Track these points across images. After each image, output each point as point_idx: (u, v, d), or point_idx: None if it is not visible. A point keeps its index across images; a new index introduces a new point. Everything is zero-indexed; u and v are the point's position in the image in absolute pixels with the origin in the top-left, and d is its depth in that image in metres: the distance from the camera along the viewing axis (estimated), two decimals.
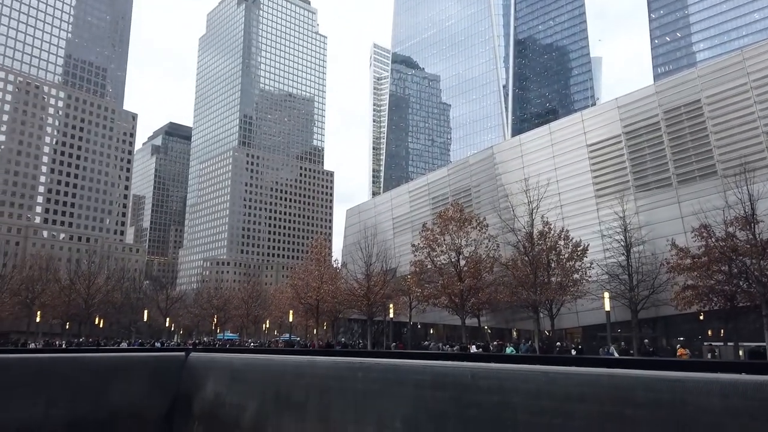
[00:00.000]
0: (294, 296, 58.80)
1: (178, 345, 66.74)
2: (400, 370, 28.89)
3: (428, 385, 26.57)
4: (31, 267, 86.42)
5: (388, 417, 27.79)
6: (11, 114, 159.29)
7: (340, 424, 29.69)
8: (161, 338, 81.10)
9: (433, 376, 26.85)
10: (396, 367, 29.30)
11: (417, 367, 28.19)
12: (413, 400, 26.94)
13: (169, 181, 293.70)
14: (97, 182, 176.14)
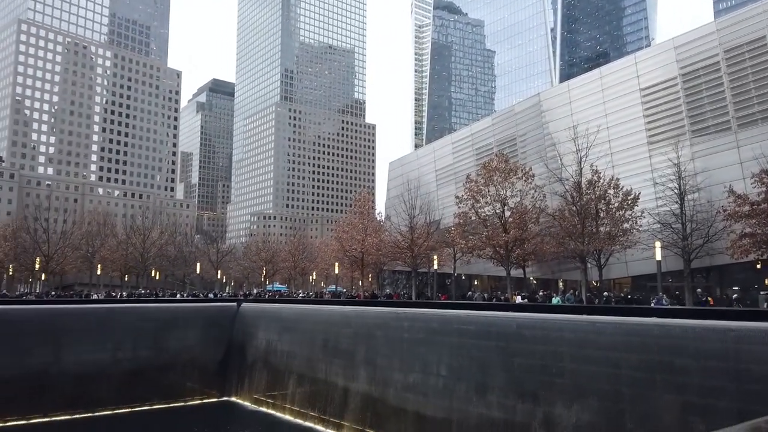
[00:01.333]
0: (339, 249, 59.71)
1: (230, 296, 69.38)
2: (444, 319, 29.29)
3: (473, 335, 26.90)
4: (90, 223, 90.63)
5: (432, 365, 28.41)
6: (62, 75, 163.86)
7: (386, 371, 30.58)
8: (214, 290, 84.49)
9: (477, 326, 27.12)
10: (440, 316, 29.71)
11: (461, 317, 28.51)
12: (458, 348, 27.38)
13: (214, 138, 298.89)
14: (146, 140, 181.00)
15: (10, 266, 72.50)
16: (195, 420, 37.57)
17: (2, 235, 77.26)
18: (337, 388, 33.42)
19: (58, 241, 71.10)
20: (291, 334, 39.56)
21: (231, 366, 43.57)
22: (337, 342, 34.82)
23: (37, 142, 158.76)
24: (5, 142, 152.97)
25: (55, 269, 70.26)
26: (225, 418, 38.21)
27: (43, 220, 72.26)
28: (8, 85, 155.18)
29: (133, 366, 39.83)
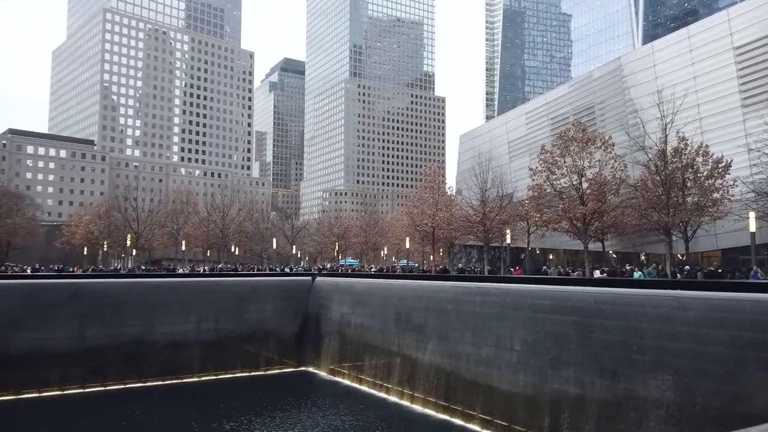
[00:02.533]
0: (410, 224, 59.72)
1: (305, 270, 71.41)
2: (518, 294, 28.76)
3: (548, 309, 26.27)
4: (174, 201, 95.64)
5: (506, 339, 28.08)
6: (145, 61, 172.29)
7: (459, 345, 30.57)
8: (289, 264, 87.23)
9: (553, 300, 26.44)
10: (514, 291, 29.19)
11: (536, 292, 27.87)
12: (532, 323, 26.87)
13: (287, 116, 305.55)
14: (223, 121, 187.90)
15: (105, 243, 77.94)
16: (275, 388, 39.27)
17: (96, 214, 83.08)
18: (410, 360, 33.81)
19: (146, 219, 75.60)
20: (364, 307, 40.27)
21: (307, 337, 45.07)
22: (409, 316, 35.11)
23: (125, 125, 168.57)
24: (96, 126, 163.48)
25: (144, 245, 74.90)
26: (303, 386, 39.68)
27: (132, 200, 76.94)
28: (96, 73, 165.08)
29: (217, 336, 42.05)
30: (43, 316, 36.26)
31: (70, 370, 35.80)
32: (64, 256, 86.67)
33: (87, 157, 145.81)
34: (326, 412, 32.62)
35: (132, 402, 34.37)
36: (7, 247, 75.69)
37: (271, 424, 29.50)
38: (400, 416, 30.93)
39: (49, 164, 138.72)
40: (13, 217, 75.72)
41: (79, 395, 35.03)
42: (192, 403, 34.18)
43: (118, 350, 37.84)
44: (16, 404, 32.87)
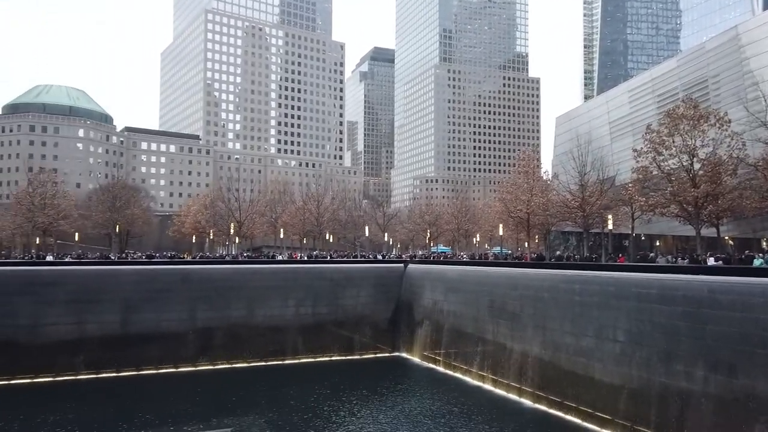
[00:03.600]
0: (503, 210, 58.36)
1: (397, 258, 72.06)
2: (621, 282, 27.18)
3: (655, 299, 24.60)
4: (272, 191, 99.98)
5: (608, 329, 26.68)
6: (243, 57, 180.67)
7: (557, 335, 29.49)
8: (381, 251, 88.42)
9: (660, 290, 24.71)
10: (617, 279, 27.62)
11: (641, 281, 26.19)
12: (637, 313, 25.31)
13: (377, 105, 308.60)
14: (316, 112, 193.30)
15: (211, 231, 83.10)
16: (370, 372, 40.08)
17: (203, 204, 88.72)
18: (504, 349, 33.13)
19: (247, 209, 79.70)
20: (456, 294, 39.94)
21: (400, 323, 45.52)
22: (504, 303, 34.36)
23: (226, 120, 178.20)
24: (201, 122, 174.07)
25: (246, 233, 79.03)
26: (397, 371, 40.14)
27: (234, 190, 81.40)
28: (200, 72, 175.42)
29: (313, 321, 43.53)
30: (158, 299, 39.27)
31: (183, 350, 38.57)
32: (175, 243, 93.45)
33: (193, 151, 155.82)
34: (421, 398, 32.81)
35: (238, 380, 36.47)
36: (127, 235, 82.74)
37: (368, 406, 30.13)
38: (495, 404, 30.46)
39: (161, 159, 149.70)
40: (131, 208, 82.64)
41: (192, 373, 37.65)
42: (292, 383, 35.67)
43: (224, 331, 40.24)
44: (139, 379, 35.95)
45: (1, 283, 36.45)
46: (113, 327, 37.47)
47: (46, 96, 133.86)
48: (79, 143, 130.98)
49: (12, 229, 73.42)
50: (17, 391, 32.60)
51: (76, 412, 28.31)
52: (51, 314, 36.26)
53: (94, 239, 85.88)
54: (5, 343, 34.48)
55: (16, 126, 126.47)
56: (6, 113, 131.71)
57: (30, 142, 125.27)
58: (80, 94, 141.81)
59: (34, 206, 67.91)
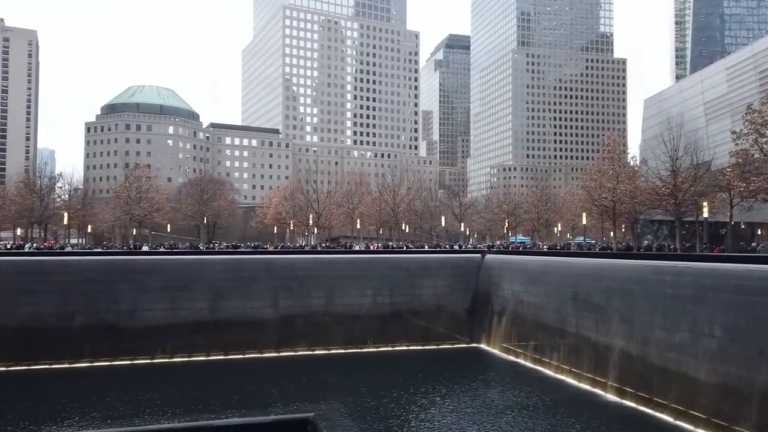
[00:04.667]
0: (586, 198, 56.09)
1: (473, 248, 71.13)
2: (718, 274, 25.28)
3: (758, 292, 22.67)
4: (349, 183, 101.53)
5: (703, 324, 24.92)
6: (319, 51, 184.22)
7: (646, 329, 27.93)
8: (458, 241, 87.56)
9: (764, 282, 22.73)
10: (713, 271, 25.72)
11: (741, 272, 24.22)
12: (736, 307, 23.44)
13: (452, 94, 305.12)
14: (390, 103, 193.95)
15: (291, 222, 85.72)
16: (448, 362, 39.86)
17: (283, 196, 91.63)
18: (588, 342, 31.85)
19: (325, 200, 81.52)
20: (537, 285, 38.81)
21: (478, 314, 44.88)
22: (588, 296, 32.98)
23: (304, 114, 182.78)
24: (280, 116, 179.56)
25: (324, 224, 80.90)
26: (475, 362, 39.67)
27: (312, 182, 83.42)
28: (279, 67, 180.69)
29: (391, 310, 43.83)
30: (243, 288, 40.96)
31: (266, 336, 40.05)
32: (258, 234, 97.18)
33: (273, 144, 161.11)
34: (502, 390, 32.24)
35: (318, 366, 37.43)
36: (214, 226, 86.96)
37: (447, 396, 29.99)
38: (578, 398, 29.40)
39: (243, 153, 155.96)
40: (218, 200, 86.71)
41: (275, 358, 39.04)
42: (370, 371, 36.16)
43: (305, 319, 41.38)
44: (226, 363, 37.75)
45: (105, 272, 39.36)
46: (203, 313, 39.51)
47: (139, 96, 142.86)
48: (170, 140, 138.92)
49: (112, 221, 79.19)
50: (120, 371, 35.16)
51: (171, 392, 30.15)
52: (147, 300, 38.75)
53: (185, 230, 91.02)
54: (108, 327, 37.24)
55: (113, 125, 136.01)
56: (105, 113, 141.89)
57: (126, 140, 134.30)
58: (170, 93, 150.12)
59: (131, 200, 72.82)
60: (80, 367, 35.43)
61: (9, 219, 74.98)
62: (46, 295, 36.92)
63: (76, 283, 37.92)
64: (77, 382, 33.11)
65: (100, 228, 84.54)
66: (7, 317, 35.62)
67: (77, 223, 76.97)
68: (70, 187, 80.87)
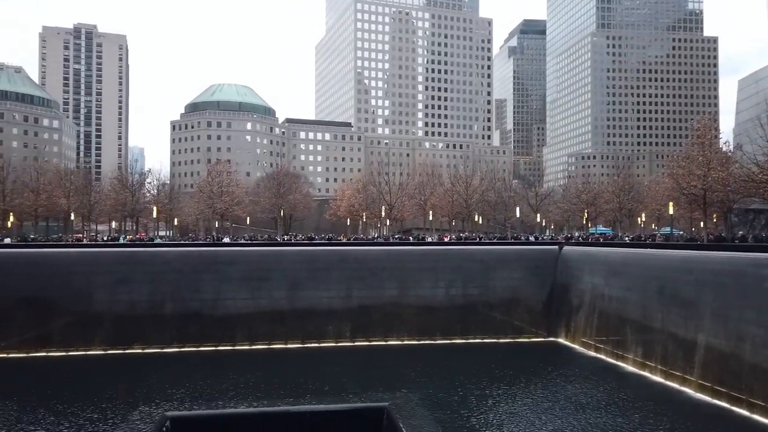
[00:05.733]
0: (674, 186, 52.92)
1: (550, 239, 68.99)
2: None
3: None
4: (420, 174, 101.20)
5: None
6: (391, 43, 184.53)
7: (741, 325, 25.96)
8: (534, 233, 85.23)
9: None
10: None
11: None
12: None
13: (527, 81, 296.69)
14: (462, 92, 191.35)
15: (363, 214, 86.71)
16: (524, 356, 38.95)
17: (356, 189, 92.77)
18: (675, 338, 30.08)
19: (397, 192, 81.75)
20: (619, 278, 37.05)
21: (556, 307, 43.49)
22: (676, 289, 31.10)
23: (375, 106, 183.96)
24: (352, 110, 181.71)
25: (396, 216, 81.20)
26: (553, 356, 38.51)
27: (384, 174, 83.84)
28: (351, 61, 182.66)
29: (464, 302, 43.34)
30: (318, 278, 41.86)
31: (341, 325, 40.77)
32: (332, 226, 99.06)
33: (346, 138, 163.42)
34: (582, 385, 31.02)
35: (392, 357, 37.69)
36: (290, 219, 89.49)
37: (524, 390, 29.34)
38: (664, 396, 27.87)
39: (317, 146, 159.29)
40: (293, 193, 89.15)
41: (350, 348, 39.67)
42: (444, 363, 35.93)
43: (378, 310, 41.73)
44: (303, 351, 38.79)
45: (189, 262, 41.49)
46: (281, 303, 40.76)
47: (219, 94, 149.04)
48: (248, 135, 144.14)
49: (196, 214, 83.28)
50: (205, 357, 36.97)
51: (252, 378, 31.37)
52: (229, 290, 40.46)
53: (263, 222, 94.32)
54: (194, 315, 39.24)
55: (196, 123, 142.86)
56: (188, 112, 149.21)
57: (208, 137, 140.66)
58: (247, 90, 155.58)
59: (213, 194, 76.27)
60: (170, 352, 37.56)
61: (105, 213, 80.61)
62: (138, 284, 39.41)
63: (165, 273, 40.20)
64: (167, 365, 35.16)
65: (185, 221, 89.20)
66: (106, 305, 38.33)
67: (165, 217, 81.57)
68: (158, 183, 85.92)
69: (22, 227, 77.58)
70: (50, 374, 33.23)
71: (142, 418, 20.83)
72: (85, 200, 75.01)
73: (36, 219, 76.77)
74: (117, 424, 22.25)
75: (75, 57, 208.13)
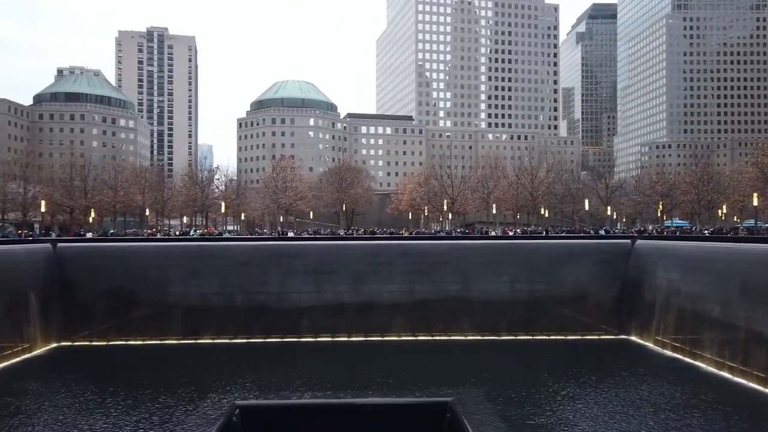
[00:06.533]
0: (758, 176, 49.53)
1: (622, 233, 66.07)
2: None
3: None
4: (483, 167, 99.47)
5: None
6: (452, 34, 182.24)
7: None
8: (604, 226, 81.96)
9: None
10: None
11: None
12: None
13: (596, 68, 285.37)
14: (527, 82, 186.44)
15: (425, 208, 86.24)
16: (594, 354, 37.50)
17: (417, 182, 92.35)
18: (761, 337, 28.03)
19: (460, 185, 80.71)
20: (698, 274, 34.91)
21: (627, 304, 41.59)
22: (762, 286, 28.95)
23: (437, 99, 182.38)
24: (413, 103, 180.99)
25: (458, 209, 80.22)
26: (625, 355, 36.83)
27: (446, 167, 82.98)
28: (412, 54, 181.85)
29: (530, 297, 42.19)
30: (380, 272, 41.93)
31: (403, 319, 40.67)
32: (393, 220, 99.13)
33: (407, 131, 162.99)
34: (658, 386, 29.33)
35: (455, 352, 37.27)
36: (352, 213, 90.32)
37: (595, 389, 28.20)
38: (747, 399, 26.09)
39: (378, 141, 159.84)
40: (355, 188, 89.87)
41: (412, 342, 39.55)
42: (509, 359, 35.18)
43: (441, 304, 41.33)
44: (366, 344, 38.99)
45: (256, 256, 42.62)
46: (344, 296, 41.16)
47: (283, 91, 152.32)
48: (311, 131, 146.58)
49: (262, 209, 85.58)
50: (271, 348, 37.91)
51: (317, 370, 31.83)
52: (294, 283, 41.25)
53: (325, 217, 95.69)
54: (260, 307, 40.29)
55: (261, 120, 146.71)
56: (253, 109, 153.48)
57: (272, 133, 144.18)
58: (310, 86, 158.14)
59: (278, 189, 78.07)
60: (238, 342, 38.77)
61: (177, 208, 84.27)
62: (208, 277, 40.88)
63: (233, 267, 41.47)
64: (236, 356, 36.29)
65: (251, 215, 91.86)
66: (179, 297, 40.01)
67: (232, 212, 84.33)
68: (226, 179, 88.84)
69: (102, 222, 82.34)
70: (129, 361, 35.12)
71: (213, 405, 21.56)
72: (159, 196, 78.66)
73: (114, 214, 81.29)
74: (190, 411, 23.14)
75: (148, 59, 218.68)
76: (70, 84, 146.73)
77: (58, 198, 71.06)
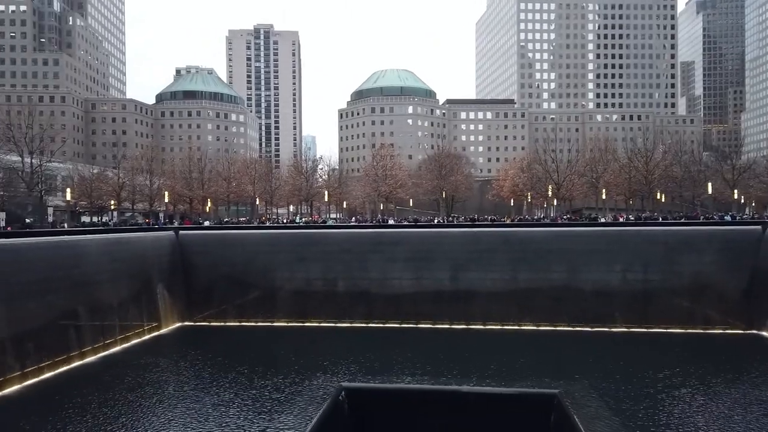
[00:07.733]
0: None
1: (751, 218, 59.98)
2: None
3: None
4: (592, 150, 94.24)
5: None
6: (557, 12, 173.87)
7: None
8: (730, 212, 74.86)
9: None
10: None
11: None
12: None
13: (720, 39, 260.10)
14: (641, 57, 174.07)
15: (528, 194, 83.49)
16: (719, 349, 34.42)
17: (520, 168, 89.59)
18: None
19: (565, 170, 77.20)
20: None
21: (757, 296, 37.74)
22: None
23: (540, 80, 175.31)
24: (515, 86, 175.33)
25: (564, 195, 76.80)
26: (756, 353, 33.50)
27: (551, 152, 79.63)
28: (513, 35, 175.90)
29: (644, 287, 39.54)
30: (481, 260, 41.24)
31: (506, 308, 39.76)
32: (495, 207, 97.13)
33: (509, 115, 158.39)
34: None
35: (561, 343, 35.82)
36: (452, 200, 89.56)
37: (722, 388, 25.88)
38: None
39: (478, 126, 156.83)
40: (455, 175, 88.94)
41: (516, 331, 38.58)
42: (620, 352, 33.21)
43: (545, 294, 39.91)
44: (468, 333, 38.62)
45: (358, 243, 43.60)
46: (444, 283, 41.00)
47: (382, 80, 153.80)
48: (409, 119, 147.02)
49: (362, 197, 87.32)
50: (373, 332, 38.71)
51: (420, 356, 31.96)
52: (395, 270, 41.74)
53: (425, 204, 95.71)
54: (363, 293, 41.21)
55: (361, 110, 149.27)
56: (354, 99, 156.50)
57: (372, 122, 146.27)
58: (408, 74, 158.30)
59: (378, 177, 79.14)
60: (341, 326, 39.97)
61: (284, 197, 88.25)
62: (313, 263, 42.45)
63: (336, 253, 42.72)
64: (339, 339, 37.46)
65: (353, 203, 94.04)
66: (286, 281, 41.96)
67: (335, 200, 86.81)
68: (329, 168, 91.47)
69: (217, 211, 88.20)
70: (243, 340, 37.46)
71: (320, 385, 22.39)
72: (267, 186, 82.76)
73: (228, 204, 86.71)
74: (299, 390, 24.16)
75: (255, 55, 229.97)
76: (187, 83, 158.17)
77: (179, 189, 76.98)
